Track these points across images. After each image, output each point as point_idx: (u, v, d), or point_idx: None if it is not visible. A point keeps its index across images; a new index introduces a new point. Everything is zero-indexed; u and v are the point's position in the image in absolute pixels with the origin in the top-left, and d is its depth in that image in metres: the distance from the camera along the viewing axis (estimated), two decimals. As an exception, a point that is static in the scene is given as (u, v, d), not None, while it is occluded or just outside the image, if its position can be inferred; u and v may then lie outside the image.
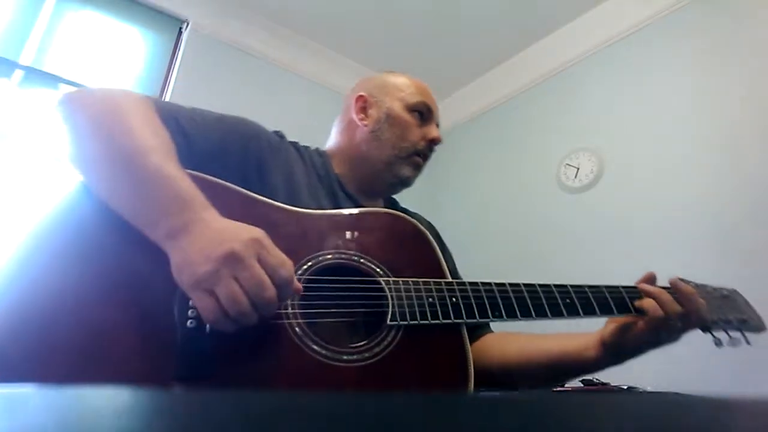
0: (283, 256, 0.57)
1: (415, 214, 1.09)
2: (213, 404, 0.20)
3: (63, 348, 0.52)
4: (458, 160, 3.12)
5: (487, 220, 2.81)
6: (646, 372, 1.83)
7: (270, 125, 0.91)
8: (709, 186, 1.92)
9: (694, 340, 0.82)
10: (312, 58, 2.80)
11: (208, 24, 2.52)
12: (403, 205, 1.10)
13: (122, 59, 2.27)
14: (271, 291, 0.53)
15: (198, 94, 2.38)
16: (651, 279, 0.80)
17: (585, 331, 0.83)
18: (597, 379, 1.26)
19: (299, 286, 0.59)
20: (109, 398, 0.20)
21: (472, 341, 0.91)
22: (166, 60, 2.40)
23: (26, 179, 1.91)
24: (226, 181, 0.69)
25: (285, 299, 0.56)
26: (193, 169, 0.64)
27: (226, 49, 2.56)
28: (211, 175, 0.68)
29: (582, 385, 1.26)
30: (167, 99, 2.30)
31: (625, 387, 1.30)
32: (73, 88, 0.83)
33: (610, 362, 0.79)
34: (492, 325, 0.99)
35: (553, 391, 1.16)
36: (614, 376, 1.25)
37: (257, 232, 0.56)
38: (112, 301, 0.56)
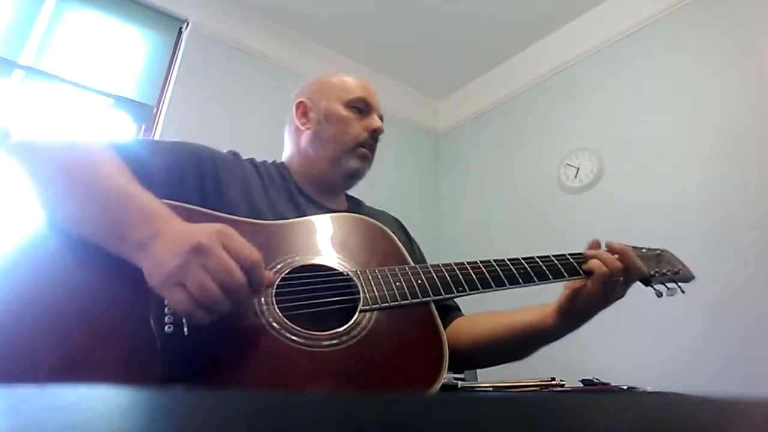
0: (248, 244, 0.58)
1: (381, 211, 1.14)
2: (213, 404, 0.20)
3: (44, 361, 0.52)
4: (458, 160, 3.12)
5: (487, 220, 2.81)
6: (646, 372, 1.83)
7: (270, 125, 0.92)
8: (709, 186, 1.92)
9: (694, 340, 0.83)
10: (312, 58, 2.80)
11: (208, 24, 2.52)
12: (394, 203, 1.15)
13: (122, 59, 2.27)
14: (238, 273, 0.55)
15: (198, 94, 2.38)
16: (595, 245, 0.88)
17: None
18: (597, 379, 1.26)
19: (270, 276, 0.62)
20: (109, 398, 0.20)
21: (444, 326, 0.95)
22: (166, 60, 2.40)
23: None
24: (187, 201, 0.72)
25: (256, 285, 0.57)
26: (155, 195, 0.66)
27: (226, 49, 2.56)
28: (170, 197, 0.70)
29: (582, 385, 1.26)
30: (167, 99, 2.30)
31: (625, 387, 1.30)
32: (72, 88, 0.85)
33: (569, 326, 0.85)
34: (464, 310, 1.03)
35: (553, 391, 1.16)
36: (614, 376, 1.25)
37: (221, 225, 0.59)
38: (89, 316, 0.57)
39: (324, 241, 0.77)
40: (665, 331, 1.84)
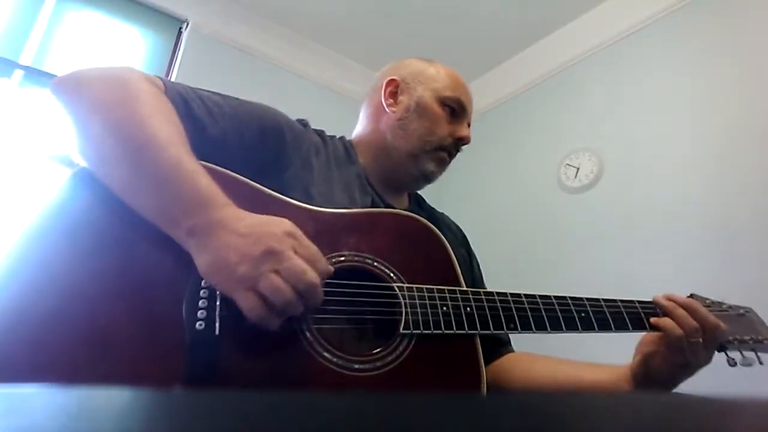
0: (315, 248, 0.56)
1: (442, 214, 1.06)
2: (214, 404, 0.20)
3: (64, 349, 0.50)
4: (458, 159, 3.12)
5: (487, 220, 2.81)
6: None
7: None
8: (709, 186, 1.92)
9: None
10: (312, 58, 2.80)
11: (208, 24, 2.52)
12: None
13: (122, 59, 2.27)
14: (313, 275, 0.53)
15: (198, 94, 2.38)
16: (668, 298, 0.78)
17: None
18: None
19: (331, 269, 0.59)
20: (111, 398, 0.20)
21: (493, 358, 0.89)
22: (166, 60, 2.40)
23: (26, 179, 1.91)
24: (241, 171, 0.67)
25: (321, 294, 0.55)
26: (204, 156, 0.62)
27: (226, 49, 2.56)
28: (224, 163, 0.66)
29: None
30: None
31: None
32: None
33: None
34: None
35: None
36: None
37: (288, 225, 0.56)
38: (115, 299, 0.54)
39: (373, 240, 0.70)
40: (665, 331, 1.83)
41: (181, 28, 2.48)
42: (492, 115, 3.03)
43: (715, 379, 1.73)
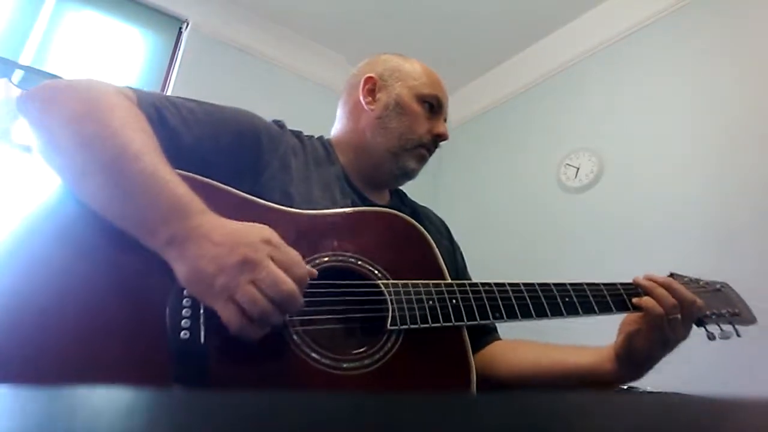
0: (294, 253, 0.56)
1: (425, 208, 1.06)
2: (213, 404, 0.20)
3: (46, 363, 0.49)
4: (458, 159, 3.12)
5: (487, 220, 2.81)
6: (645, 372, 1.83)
7: (270, 125, 0.90)
8: (709, 186, 1.92)
9: (694, 340, 0.82)
10: (312, 58, 2.80)
11: (208, 24, 2.52)
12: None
13: (122, 59, 2.27)
14: (290, 284, 0.52)
15: (198, 94, 2.37)
16: (648, 278, 0.80)
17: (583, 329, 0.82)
18: (597, 379, 1.26)
19: (315, 272, 0.58)
20: (110, 398, 0.20)
21: (479, 347, 0.90)
22: (166, 60, 2.40)
23: (26, 179, 1.91)
24: (217, 177, 0.66)
25: (301, 302, 0.55)
26: (179, 164, 0.61)
27: (226, 49, 2.56)
28: (200, 170, 0.65)
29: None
30: (167, 99, 2.30)
31: (625, 387, 1.30)
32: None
33: (628, 373, 0.78)
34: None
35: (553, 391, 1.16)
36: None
37: (266, 232, 0.55)
38: (98, 308, 0.53)
39: (356, 239, 0.70)
40: (665, 331, 1.83)
41: (181, 28, 2.48)
42: (492, 115, 3.03)
43: (715, 379, 1.73)
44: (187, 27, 2.47)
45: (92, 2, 2.26)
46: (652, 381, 1.46)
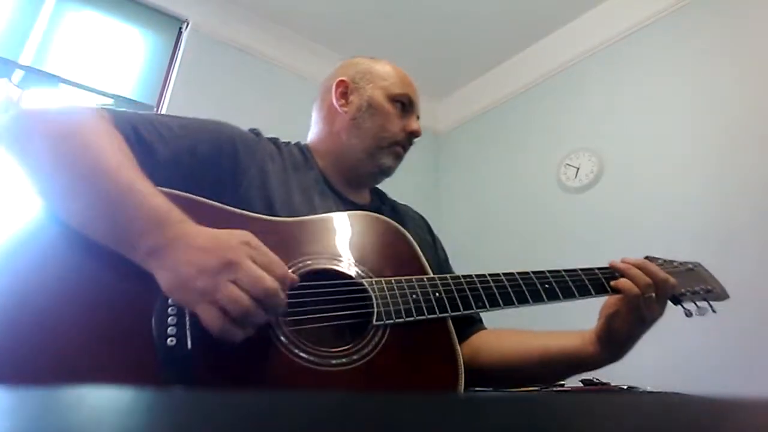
0: (273, 255, 0.56)
1: (406, 206, 1.08)
2: (213, 404, 0.20)
3: (34, 372, 0.49)
4: (458, 160, 3.12)
5: (487, 220, 2.81)
6: (646, 372, 1.83)
7: (270, 125, 0.90)
8: (709, 186, 1.92)
9: (694, 340, 0.83)
10: (312, 58, 2.80)
11: (208, 24, 2.52)
12: (401, 201, 1.09)
13: (122, 59, 2.27)
14: (270, 282, 0.53)
15: (198, 94, 2.38)
16: (623, 261, 0.83)
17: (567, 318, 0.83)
18: (597, 379, 1.26)
19: (295, 277, 0.59)
20: (111, 398, 0.20)
21: (465, 338, 0.92)
22: (166, 60, 2.40)
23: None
24: (197, 189, 0.68)
25: (282, 300, 0.55)
26: (158, 180, 0.62)
27: (226, 49, 2.56)
28: (179, 184, 0.66)
29: (582, 385, 1.26)
30: (167, 99, 2.30)
31: (625, 387, 1.30)
32: (72, 88, 0.80)
33: (609, 355, 0.80)
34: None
35: (554, 391, 1.16)
36: (614, 375, 1.25)
37: (244, 235, 0.56)
38: (85, 322, 0.53)
39: (338, 243, 0.73)
40: (665, 331, 1.83)
41: (181, 28, 2.48)
42: (492, 115, 3.03)
43: (715, 379, 1.73)
44: (187, 27, 2.47)
45: (92, 2, 2.26)
46: (652, 381, 1.46)
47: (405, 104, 0.96)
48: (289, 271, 0.59)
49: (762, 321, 1.65)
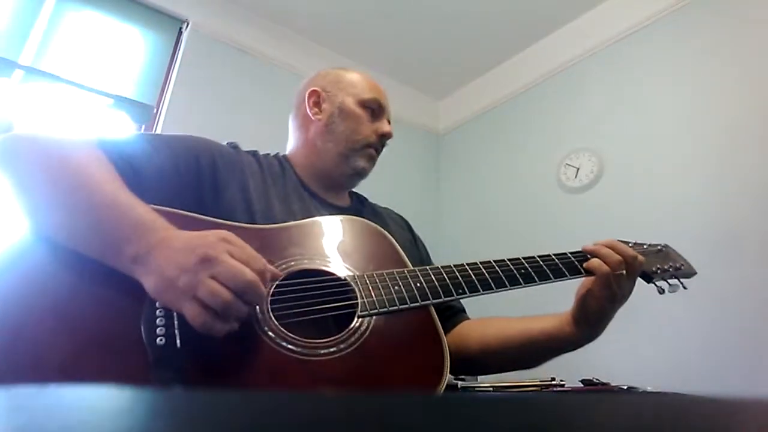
0: (252, 250, 0.58)
1: (386, 209, 1.12)
2: (213, 404, 0.20)
3: (24, 383, 0.49)
4: (458, 160, 3.12)
5: (487, 220, 2.81)
6: (646, 372, 1.83)
7: (269, 125, 0.91)
8: (709, 186, 1.92)
9: (694, 340, 0.83)
10: (312, 58, 2.80)
11: (208, 24, 2.52)
12: (394, 203, 1.13)
13: (122, 59, 2.27)
14: (249, 274, 0.54)
15: (198, 94, 2.38)
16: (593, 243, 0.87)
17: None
18: (597, 379, 1.26)
19: (277, 271, 0.61)
20: (109, 398, 0.20)
21: (449, 328, 0.95)
22: (166, 60, 2.40)
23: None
24: (181, 204, 0.70)
25: (262, 291, 0.57)
26: (142, 196, 0.64)
27: (226, 49, 2.56)
28: (163, 200, 0.68)
29: (582, 385, 1.26)
30: (167, 99, 2.30)
31: (625, 387, 1.30)
32: (72, 88, 0.81)
33: (586, 333, 0.84)
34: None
35: (553, 391, 1.16)
36: (614, 375, 1.25)
37: (222, 233, 0.58)
38: (76, 332, 0.54)
39: (320, 245, 0.76)
40: (665, 331, 1.84)
41: (181, 28, 2.48)
42: (492, 115, 3.03)
43: (716, 378, 1.73)
44: (187, 27, 2.47)
45: (92, 2, 2.26)
46: (652, 381, 1.46)
47: (374, 109, 1.01)
48: (272, 268, 0.62)
49: (762, 321, 1.65)
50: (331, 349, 0.61)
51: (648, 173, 2.13)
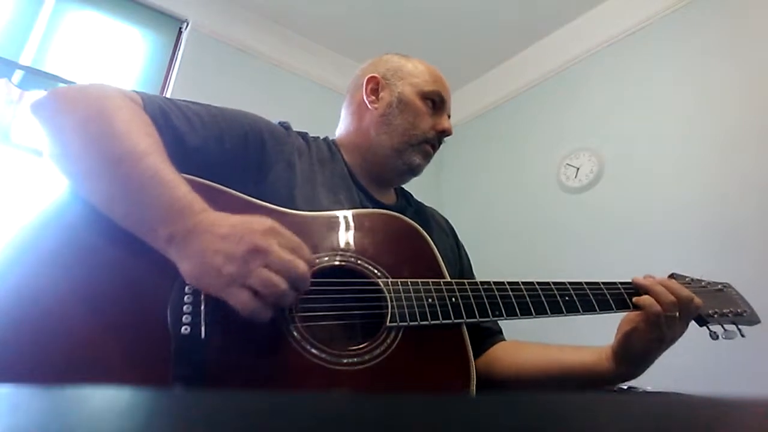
0: (297, 239, 0.57)
1: (431, 209, 1.07)
2: (213, 404, 0.20)
3: (47, 363, 0.50)
4: (459, 159, 3.12)
5: (487, 220, 2.81)
6: (646, 372, 1.83)
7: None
8: (709, 186, 1.92)
9: (694, 340, 0.83)
10: (312, 58, 2.80)
11: (208, 24, 2.52)
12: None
13: (122, 59, 2.27)
14: (302, 264, 0.54)
15: (198, 94, 2.37)
16: (647, 277, 0.81)
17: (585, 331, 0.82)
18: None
19: (314, 258, 0.60)
20: (111, 398, 0.20)
21: (484, 349, 0.92)
22: (166, 60, 2.40)
23: (26, 179, 1.91)
24: (222, 178, 0.68)
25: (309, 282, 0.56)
26: (184, 167, 0.62)
27: (226, 49, 2.56)
28: (205, 172, 0.66)
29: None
30: (167, 99, 2.30)
31: (625, 387, 1.30)
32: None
33: (626, 371, 0.79)
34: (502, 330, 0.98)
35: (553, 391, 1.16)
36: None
37: (268, 222, 0.56)
38: (101, 306, 0.54)
39: (356, 241, 0.71)
40: (665, 331, 1.83)
41: (181, 28, 2.48)
42: (492, 115, 3.03)
43: (716, 378, 1.73)
44: (187, 27, 2.47)
45: (92, 2, 2.26)
46: (652, 381, 1.46)
47: (436, 102, 0.94)
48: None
49: (762, 320, 1.65)
50: (354, 359, 0.60)
51: (648, 173, 2.13)
